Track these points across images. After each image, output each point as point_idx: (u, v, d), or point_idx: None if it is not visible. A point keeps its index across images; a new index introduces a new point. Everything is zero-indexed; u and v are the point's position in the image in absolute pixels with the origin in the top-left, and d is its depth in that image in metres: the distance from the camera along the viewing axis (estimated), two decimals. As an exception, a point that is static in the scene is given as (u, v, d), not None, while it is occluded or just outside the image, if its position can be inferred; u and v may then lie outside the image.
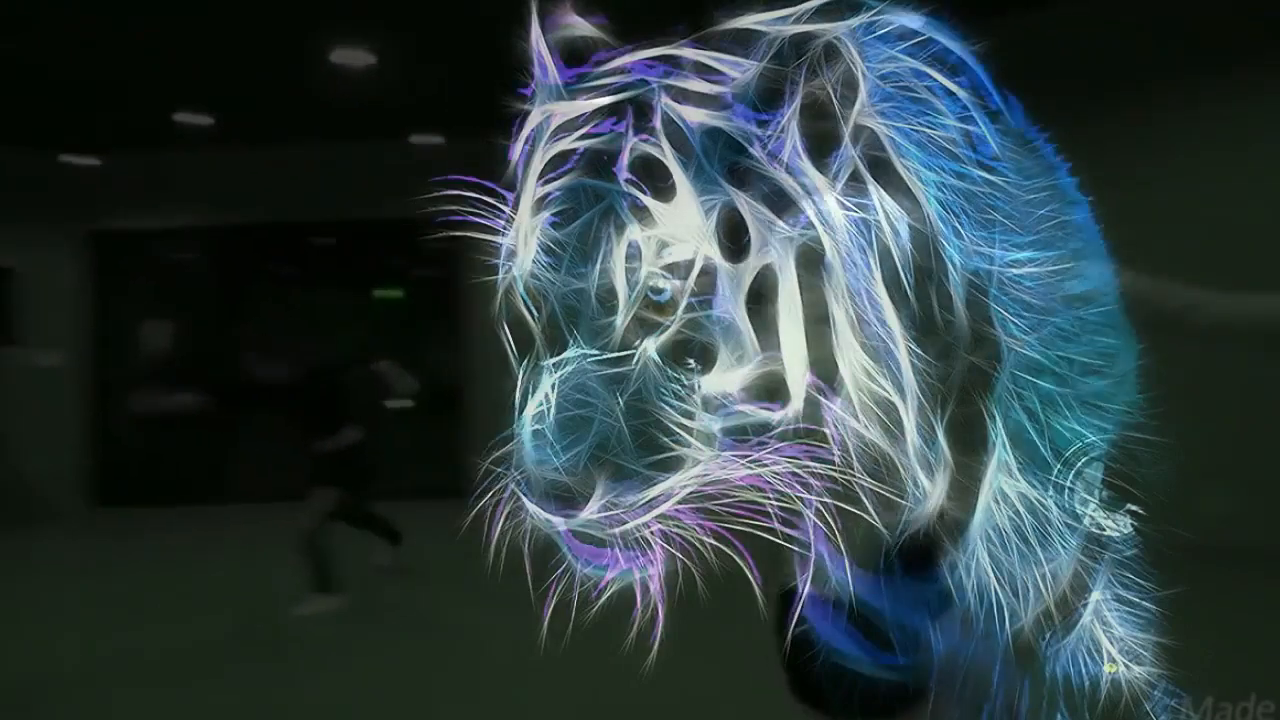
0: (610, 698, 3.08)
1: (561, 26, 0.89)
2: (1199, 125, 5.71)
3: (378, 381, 5.26)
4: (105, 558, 7.07)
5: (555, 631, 0.84)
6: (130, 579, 5.95)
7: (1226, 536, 3.73)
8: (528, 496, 0.79)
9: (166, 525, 7.90)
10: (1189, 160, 5.71)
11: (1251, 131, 5.55)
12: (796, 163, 0.79)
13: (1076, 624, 0.99)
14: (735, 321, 0.78)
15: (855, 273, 0.79)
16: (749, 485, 0.79)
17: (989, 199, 0.87)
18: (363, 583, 5.17)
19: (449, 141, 7.98)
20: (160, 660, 4.23)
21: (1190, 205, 5.43)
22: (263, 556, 5.62)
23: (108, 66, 6.35)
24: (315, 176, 8.58)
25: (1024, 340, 0.89)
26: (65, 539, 8.01)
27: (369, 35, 6.16)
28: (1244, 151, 5.57)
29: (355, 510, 5.20)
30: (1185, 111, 5.73)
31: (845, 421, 0.80)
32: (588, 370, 0.78)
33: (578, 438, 0.77)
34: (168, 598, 5.44)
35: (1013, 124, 0.96)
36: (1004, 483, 0.89)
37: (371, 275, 9.76)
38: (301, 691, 3.74)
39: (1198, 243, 4.48)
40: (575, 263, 0.80)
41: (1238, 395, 4.72)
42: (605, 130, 0.81)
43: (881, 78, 0.83)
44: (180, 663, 4.18)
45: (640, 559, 0.80)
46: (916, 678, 1.01)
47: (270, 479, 7.10)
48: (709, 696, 3.36)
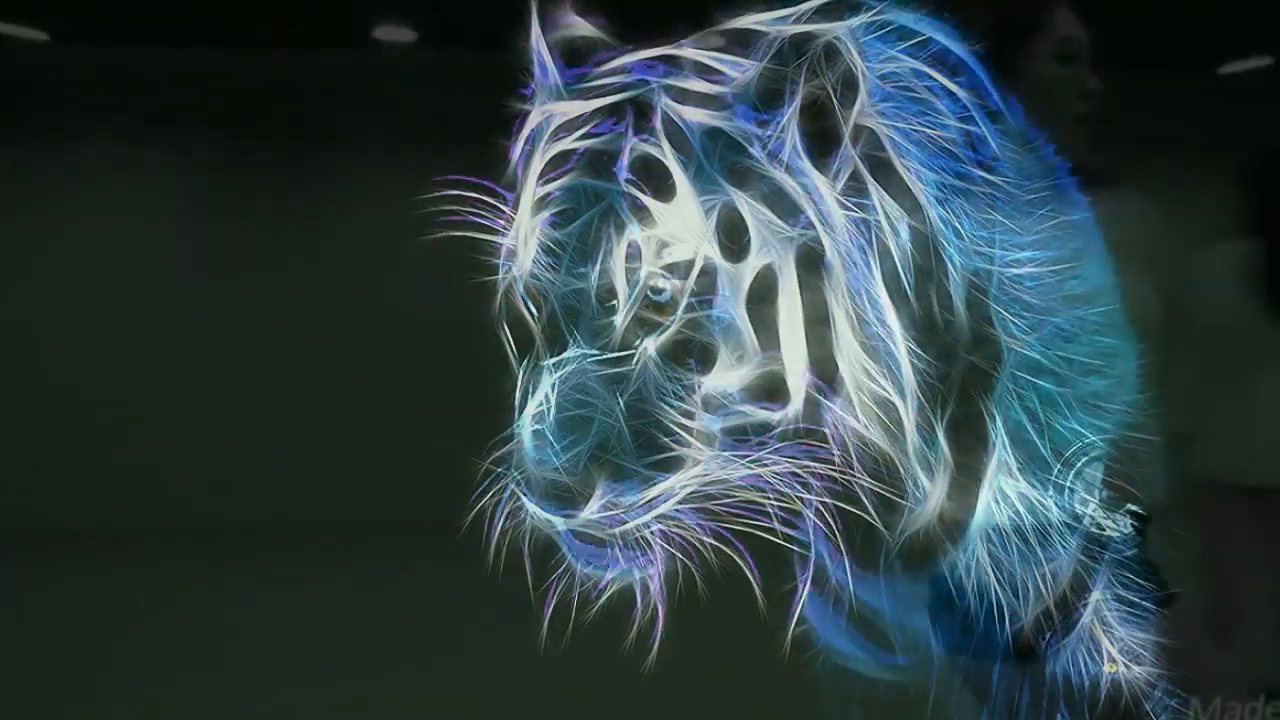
0: (610, 698, 3.09)
1: (562, 26, 0.89)
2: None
3: None
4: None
5: (555, 631, 0.84)
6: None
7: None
8: (528, 496, 0.79)
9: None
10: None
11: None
12: (796, 163, 0.79)
13: (1076, 624, 0.99)
14: (735, 321, 0.78)
15: (855, 273, 0.79)
16: (749, 485, 0.79)
17: (989, 199, 0.87)
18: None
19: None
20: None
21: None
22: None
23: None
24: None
25: (1024, 340, 0.89)
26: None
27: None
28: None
29: None
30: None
31: (845, 421, 0.80)
32: (588, 370, 0.78)
33: (578, 438, 0.77)
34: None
35: (1013, 124, 0.96)
36: (1004, 483, 0.89)
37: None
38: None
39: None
40: (575, 263, 0.80)
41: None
42: (605, 130, 0.81)
43: (881, 78, 0.83)
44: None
45: (640, 559, 0.80)
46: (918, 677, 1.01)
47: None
48: (708, 696, 3.36)
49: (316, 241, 6.77)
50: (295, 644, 4.35)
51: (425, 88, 6.42)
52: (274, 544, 5.92)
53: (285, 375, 6.61)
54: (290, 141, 6.62)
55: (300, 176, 6.78)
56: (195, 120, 6.33)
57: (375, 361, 6.84)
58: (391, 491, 6.63)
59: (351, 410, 6.76)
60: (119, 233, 6.20)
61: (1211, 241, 3.05)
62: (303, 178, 6.77)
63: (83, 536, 5.63)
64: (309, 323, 6.67)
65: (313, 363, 6.69)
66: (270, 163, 6.58)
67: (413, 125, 6.50)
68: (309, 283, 6.71)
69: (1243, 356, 3.00)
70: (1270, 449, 2.99)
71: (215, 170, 6.57)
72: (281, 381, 6.60)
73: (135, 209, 6.27)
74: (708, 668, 3.11)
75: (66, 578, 5.11)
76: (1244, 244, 2.99)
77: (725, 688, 3.30)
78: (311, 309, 6.67)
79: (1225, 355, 3.02)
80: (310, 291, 6.69)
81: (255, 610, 4.76)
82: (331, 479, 6.55)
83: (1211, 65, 7.37)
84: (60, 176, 6.12)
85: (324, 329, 6.72)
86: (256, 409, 6.47)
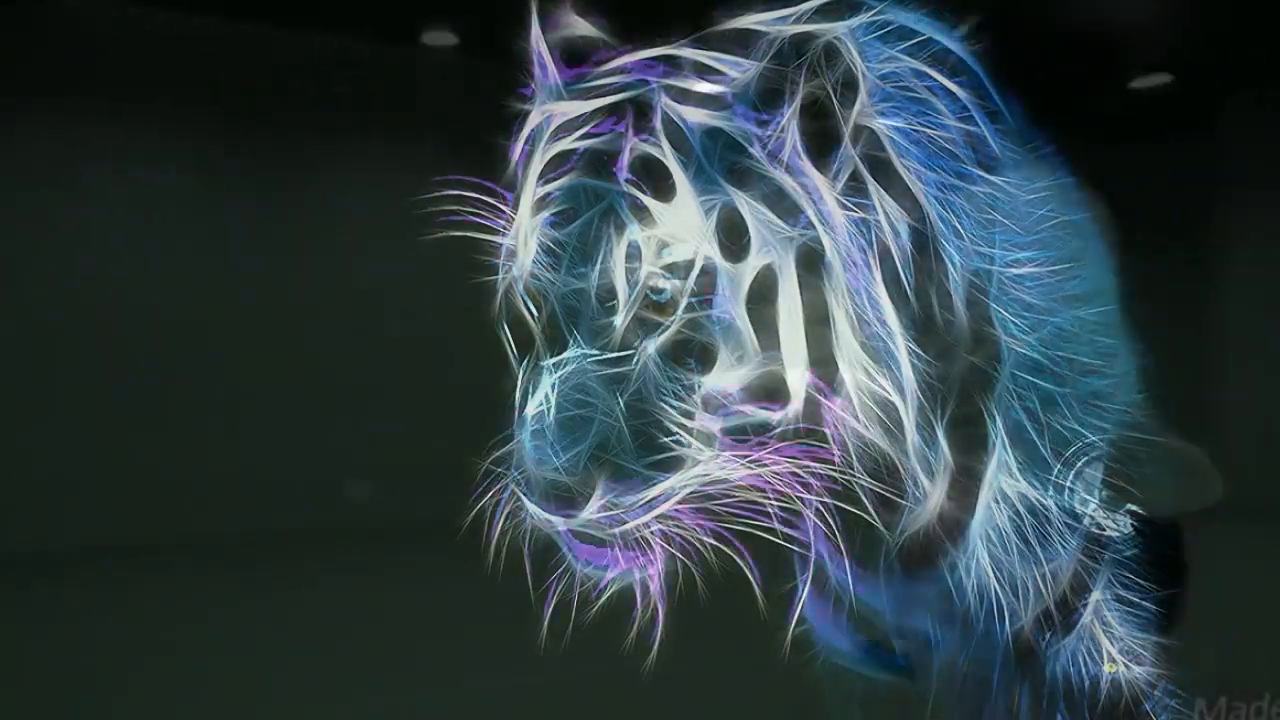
0: (610, 698, 3.08)
1: (562, 26, 0.89)
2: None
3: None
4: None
5: (555, 631, 0.84)
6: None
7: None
8: (528, 496, 0.79)
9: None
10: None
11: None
12: (796, 163, 0.79)
13: (1076, 624, 0.99)
14: (735, 321, 0.78)
15: (855, 273, 0.79)
16: (749, 485, 0.79)
17: (989, 199, 0.87)
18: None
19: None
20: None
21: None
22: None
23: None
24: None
25: (1024, 340, 0.89)
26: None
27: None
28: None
29: None
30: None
31: (845, 421, 0.80)
32: (588, 370, 0.78)
33: (578, 438, 0.77)
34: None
35: (1013, 124, 0.96)
36: (1004, 483, 0.89)
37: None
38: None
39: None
40: (575, 263, 0.80)
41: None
42: (605, 130, 0.81)
43: (881, 78, 0.83)
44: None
45: (640, 559, 0.80)
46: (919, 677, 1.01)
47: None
48: (708, 695, 3.36)
49: (315, 240, 6.76)
50: (295, 645, 4.35)
51: (439, 88, 6.37)
52: (273, 545, 5.92)
53: (286, 375, 6.61)
54: (292, 138, 6.61)
55: (300, 174, 6.77)
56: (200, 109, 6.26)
57: (375, 361, 6.84)
58: (391, 491, 6.63)
59: (352, 410, 6.75)
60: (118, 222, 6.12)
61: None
62: (303, 176, 6.76)
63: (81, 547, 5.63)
64: (308, 322, 6.67)
65: (312, 363, 6.69)
66: (271, 155, 6.55)
67: (417, 126, 6.49)
68: (308, 283, 6.70)
69: None
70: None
71: (215, 166, 6.54)
72: (281, 381, 6.59)
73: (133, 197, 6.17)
74: (708, 668, 3.10)
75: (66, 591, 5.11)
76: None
77: (725, 688, 3.30)
78: (311, 308, 6.66)
79: None
80: (310, 291, 6.68)
81: (254, 613, 4.76)
82: (331, 479, 6.55)
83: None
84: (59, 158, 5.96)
85: (324, 329, 6.71)
86: (256, 409, 6.47)
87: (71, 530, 5.40)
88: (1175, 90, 6.52)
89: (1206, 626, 1.20)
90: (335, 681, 3.89)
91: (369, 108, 6.63)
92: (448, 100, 6.15)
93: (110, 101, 5.84)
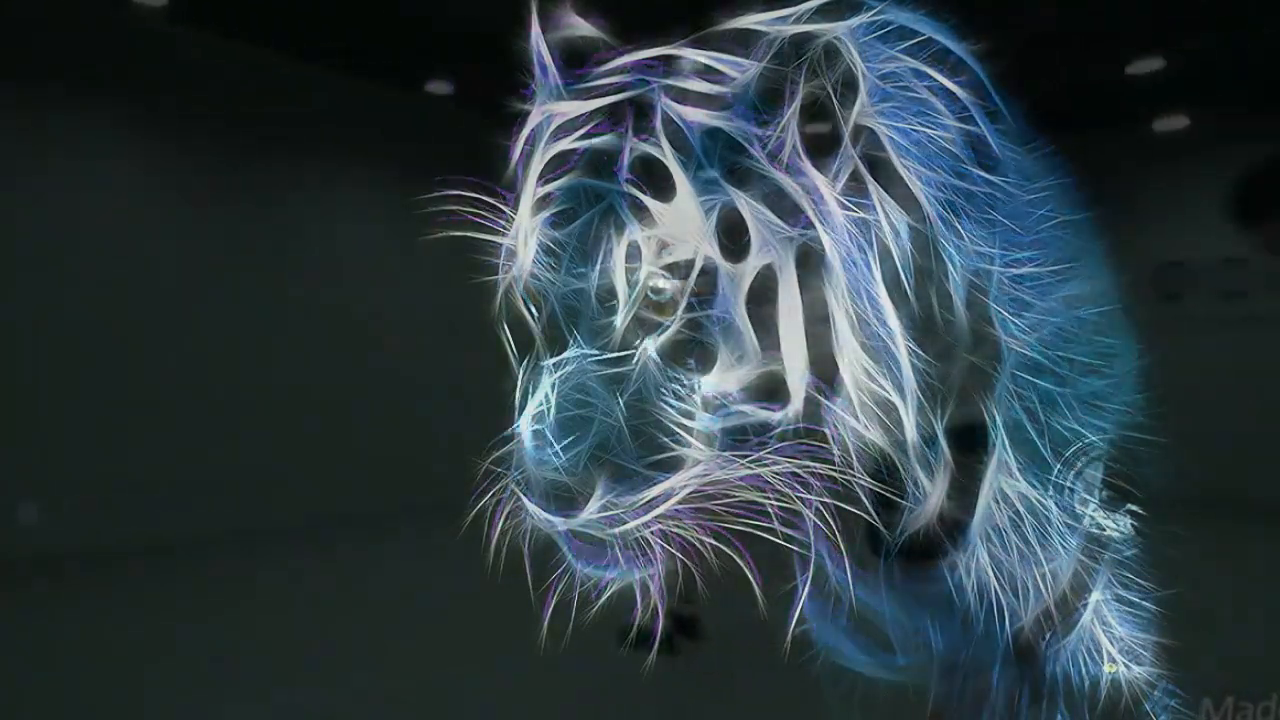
0: (610, 697, 3.09)
1: (562, 27, 0.89)
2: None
3: None
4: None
5: (555, 631, 0.84)
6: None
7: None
8: (528, 496, 0.79)
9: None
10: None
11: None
12: (796, 163, 0.79)
13: (1076, 624, 0.99)
14: (735, 321, 0.78)
15: (855, 273, 0.79)
16: (749, 485, 0.79)
17: (989, 199, 0.87)
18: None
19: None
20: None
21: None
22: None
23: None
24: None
25: (1024, 340, 0.89)
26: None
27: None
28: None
29: None
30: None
31: (845, 421, 0.80)
32: (588, 370, 0.78)
33: (578, 438, 0.77)
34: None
35: (1013, 124, 0.96)
36: (1004, 483, 0.89)
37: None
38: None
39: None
40: (575, 263, 0.80)
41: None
42: (605, 130, 0.81)
43: (881, 78, 0.83)
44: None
45: (640, 559, 0.80)
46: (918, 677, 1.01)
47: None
48: (708, 695, 3.36)
49: (314, 240, 6.77)
50: (294, 645, 4.35)
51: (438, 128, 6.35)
52: (272, 546, 5.92)
53: (284, 375, 6.61)
54: (291, 136, 6.61)
55: (298, 174, 6.78)
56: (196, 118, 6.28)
57: (375, 362, 6.84)
58: (392, 492, 6.63)
59: (352, 410, 6.76)
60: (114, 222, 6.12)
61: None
62: (300, 175, 6.77)
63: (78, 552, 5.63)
64: (308, 322, 6.67)
65: (313, 363, 6.69)
66: (266, 158, 6.56)
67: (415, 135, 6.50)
68: (307, 282, 6.70)
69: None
70: None
71: (209, 168, 6.53)
72: (280, 381, 6.59)
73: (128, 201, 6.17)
74: (708, 668, 3.10)
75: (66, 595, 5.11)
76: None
77: (725, 688, 3.30)
78: (310, 309, 6.67)
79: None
80: (309, 291, 6.68)
81: (252, 612, 4.76)
82: (331, 480, 6.55)
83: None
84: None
85: (324, 329, 6.72)
86: (255, 409, 6.47)
87: (69, 530, 5.40)
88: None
89: (1212, 628, 1.19)
90: (335, 680, 3.89)
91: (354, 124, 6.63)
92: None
93: (101, 105, 5.83)
